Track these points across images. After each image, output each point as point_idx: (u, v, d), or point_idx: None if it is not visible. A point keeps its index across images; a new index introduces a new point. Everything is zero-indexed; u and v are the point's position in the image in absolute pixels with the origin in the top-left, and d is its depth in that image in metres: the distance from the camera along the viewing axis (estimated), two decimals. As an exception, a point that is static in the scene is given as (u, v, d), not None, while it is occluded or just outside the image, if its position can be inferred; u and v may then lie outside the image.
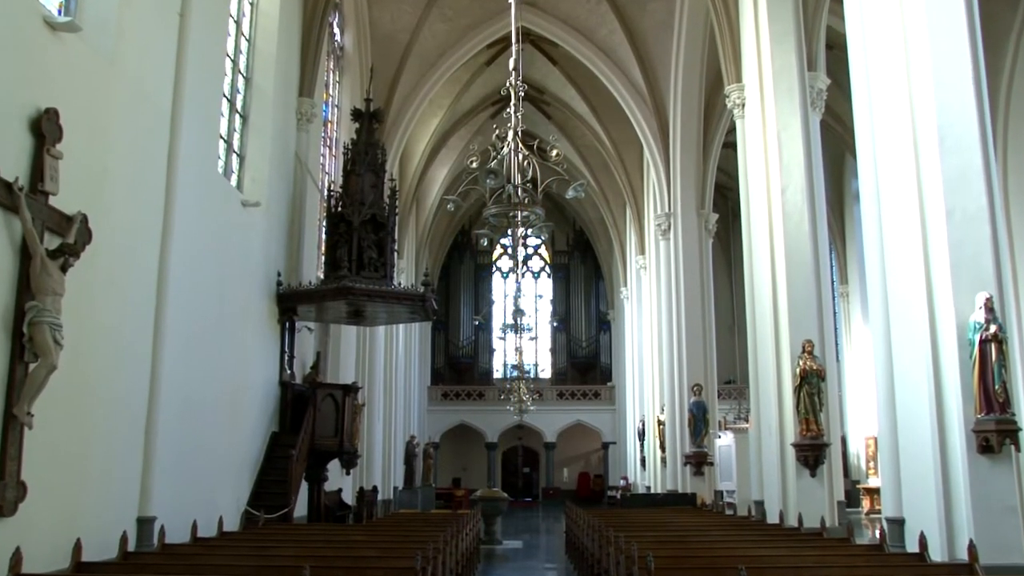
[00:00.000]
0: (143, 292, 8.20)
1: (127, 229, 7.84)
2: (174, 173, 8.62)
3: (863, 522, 19.47)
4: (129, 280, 7.89)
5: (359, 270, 12.36)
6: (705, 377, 18.52)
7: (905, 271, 7.91)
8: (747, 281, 13.04)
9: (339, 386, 12.98)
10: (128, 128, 7.84)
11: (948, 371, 7.37)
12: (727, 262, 31.03)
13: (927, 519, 7.35)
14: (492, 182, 7.97)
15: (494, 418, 32.61)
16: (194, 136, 9.15)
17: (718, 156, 19.73)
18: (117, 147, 7.62)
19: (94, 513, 7.12)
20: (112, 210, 7.48)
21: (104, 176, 7.38)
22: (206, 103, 9.76)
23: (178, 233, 8.66)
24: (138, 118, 8.07)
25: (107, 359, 7.43)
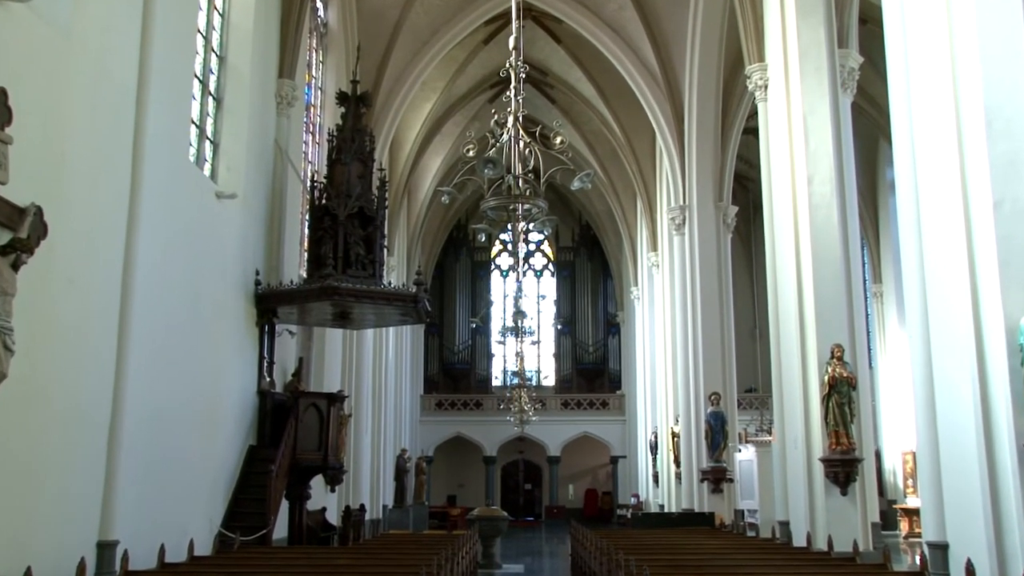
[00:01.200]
0: (106, 292, 8.15)
1: (88, 222, 7.78)
2: (140, 161, 8.56)
3: (901, 546, 19.40)
4: (90, 279, 7.84)
5: (345, 268, 12.37)
6: (724, 385, 18.47)
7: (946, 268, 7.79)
8: (770, 280, 13.00)
9: (323, 395, 12.97)
10: (88, 110, 7.77)
11: (995, 379, 7.25)
12: (748, 259, 31.00)
13: (974, 544, 7.23)
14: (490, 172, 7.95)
15: (493, 430, 32.61)
16: (162, 120, 9.09)
17: (738, 143, 19.67)
18: (76, 131, 7.56)
19: (48, 537, 7.03)
20: (70, 201, 7.42)
21: (61, 163, 7.31)
22: (175, 83, 9.71)
23: (145, 227, 8.61)
24: (99, 99, 7.99)
25: (65, 366, 7.37)
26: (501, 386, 34.34)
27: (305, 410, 12.38)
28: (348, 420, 16.42)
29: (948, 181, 7.80)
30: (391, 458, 24.72)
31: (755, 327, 29.57)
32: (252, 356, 12.46)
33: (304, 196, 14.90)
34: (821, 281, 11.70)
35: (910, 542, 20.31)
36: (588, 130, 26.90)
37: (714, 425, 17.83)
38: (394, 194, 23.02)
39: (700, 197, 19.45)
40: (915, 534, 20.59)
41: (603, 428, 33.43)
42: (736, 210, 20.05)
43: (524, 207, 8.41)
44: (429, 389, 34.59)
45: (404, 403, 28.83)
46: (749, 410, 26.37)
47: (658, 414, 25.02)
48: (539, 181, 8.32)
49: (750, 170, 25.98)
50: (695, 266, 19.25)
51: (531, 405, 25.07)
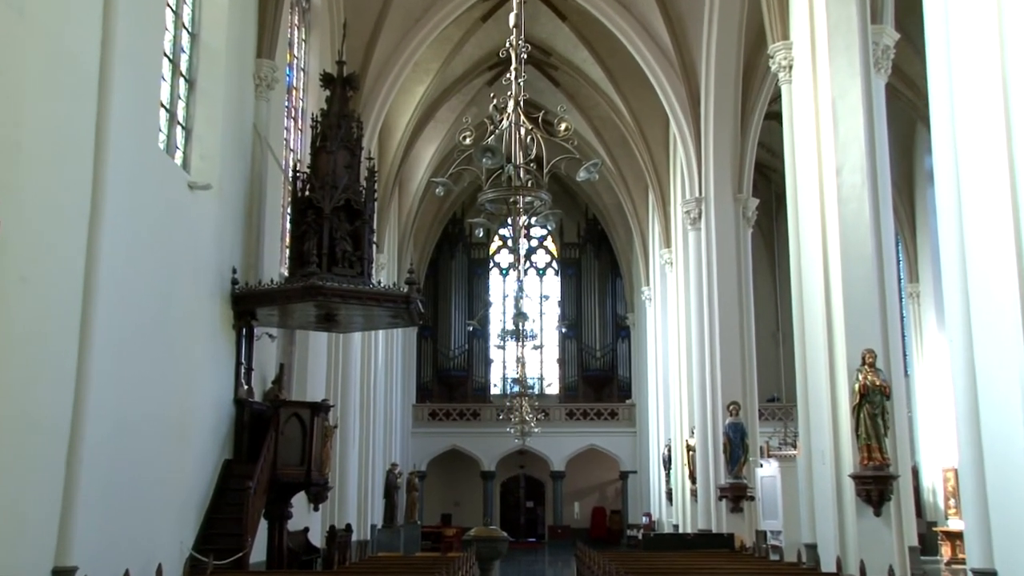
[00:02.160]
0: (66, 292, 8.10)
1: (46, 216, 7.73)
2: (104, 149, 8.52)
3: (942, 574, 19.25)
4: (48, 278, 7.80)
5: (331, 266, 12.37)
6: (744, 394, 18.43)
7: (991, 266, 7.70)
8: (794, 279, 12.95)
9: (306, 404, 12.96)
10: (46, 93, 7.72)
11: (1047, 388, 7.14)
12: (770, 257, 30.97)
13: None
14: (489, 161, 7.98)
15: (491, 442, 32.60)
16: (128, 104, 9.05)
17: (759, 130, 19.62)
18: (32, 117, 7.50)
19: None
20: (27, 193, 7.36)
21: (16, 152, 7.25)
22: (142, 64, 9.68)
23: (109, 221, 8.57)
24: (58, 81, 7.94)
25: (20, 373, 7.31)
26: (500, 395, 34.32)
27: (286, 421, 12.36)
28: (333, 432, 16.37)
29: (993, 170, 7.70)
30: (380, 473, 24.71)
31: (778, 330, 29.52)
32: (228, 362, 12.45)
33: (285, 187, 14.88)
34: (851, 280, 11.66)
35: (953, 569, 20.16)
36: (595, 116, 26.89)
37: (733, 438, 17.78)
38: (384, 185, 23.01)
39: (718, 189, 19.43)
40: (958, 560, 20.41)
41: (611, 441, 33.40)
42: (757, 203, 20.02)
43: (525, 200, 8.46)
44: (422, 398, 34.60)
45: (395, 413, 28.87)
46: (772, 421, 26.30)
47: (672, 425, 25.00)
48: (542, 171, 8.36)
49: (773, 159, 25.92)
50: (712, 264, 19.24)
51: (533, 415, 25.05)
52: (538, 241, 37.67)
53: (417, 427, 33.30)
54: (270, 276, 13.24)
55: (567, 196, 35.08)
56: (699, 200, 19.86)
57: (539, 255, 37.83)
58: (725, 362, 18.64)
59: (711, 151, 19.43)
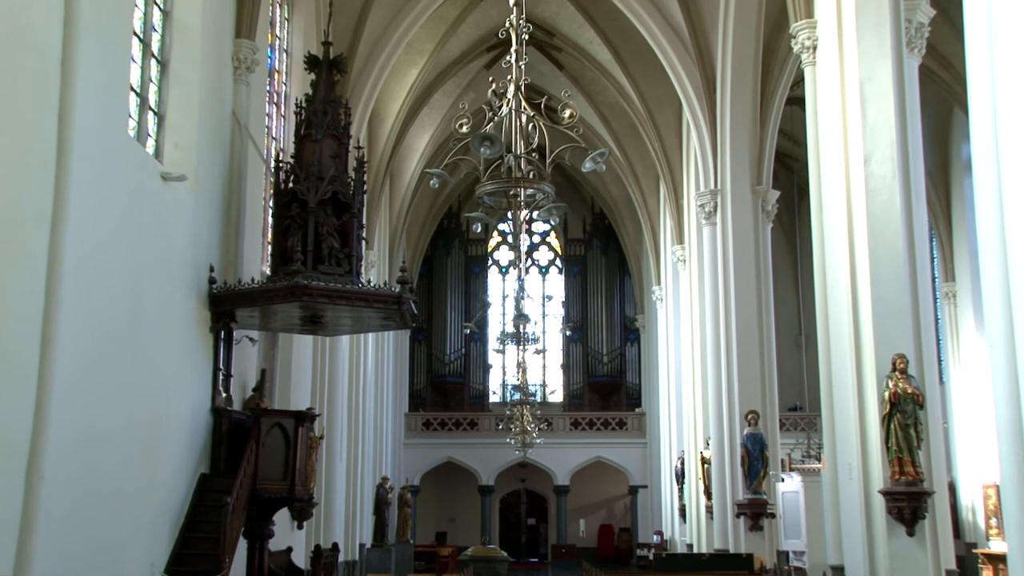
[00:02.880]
0: (27, 292, 8.02)
1: (3, 209, 7.65)
2: (68, 136, 8.43)
3: (984, 600, 19.27)
4: (7, 277, 7.72)
5: (316, 264, 12.37)
6: (763, 402, 18.42)
7: (1035, 264, 7.59)
8: (818, 278, 12.91)
9: (290, 413, 12.96)
10: (2, 75, 7.63)
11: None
12: (792, 254, 30.96)
13: (1071, 597, 7.05)
14: (487, 151, 7.99)
15: (490, 454, 32.69)
16: (95, 87, 8.99)
17: (780, 116, 19.61)
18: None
19: (-44, 586, 6.88)
20: (-17, 183, 7.27)
21: (-28, 138, 7.17)
22: (110, 43, 9.60)
23: (75, 215, 8.51)
24: (16, 61, 7.86)
25: (-24, 380, 7.22)
26: (500, 403, 34.45)
27: (268, 431, 12.35)
28: (319, 443, 16.41)
29: (1038, 159, 7.61)
30: (370, 488, 24.73)
31: (800, 334, 29.54)
32: (205, 368, 12.43)
33: (267, 179, 14.85)
34: (880, 279, 11.63)
35: (996, 595, 20.13)
36: (602, 101, 26.94)
37: (752, 450, 17.72)
38: (374, 177, 23.07)
39: (735, 180, 19.44)
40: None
41: (620, 453, 33.46)
42: (778, 195, 20.01)
43: (527, 192, 8.51)
44: (415, 406, 34.66)
45: (385, 423, 28.93)
46: (794, 432, 26.41)
47: (685, 436, 25.06)
48: (544, 162, 8.38)
49: (795, 148, 25.92)
50: (729, 262, 19.25)
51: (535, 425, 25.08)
52: (540, 237, 37.70)
53: (410, 438, 33.36)
54: (251, 275, 13.22)
55: (572, 188, 35.08)
56: (714, 192, 19.86)
57: (541, 252, 37.88)
58: (743, 368, 18.64)
59: (728, 139, 19.42)
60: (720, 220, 19.65)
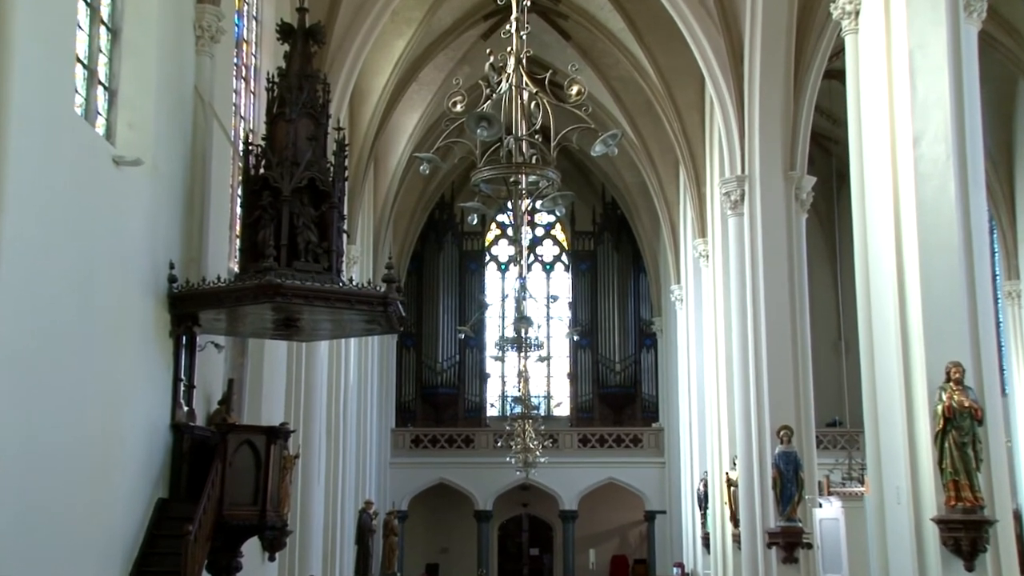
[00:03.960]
0: (-42, 292, 7.95)
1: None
2: (4, 115, 8.41)
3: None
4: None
5: (291, 260, 12.36)
6: (798, 417, 18.37)
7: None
8: (859, 275, 12.88)
9: (261, 430, 12.97)
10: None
11: None
12: (830, 248, 30.96)
13: None
14: (485, 133, 8.00)
15: (487, 476, 32.67)
16: (34, 58, 8.94)
17: (816, 92, 19.55)
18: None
19: None
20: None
21: None
22: (52, 8, 9.55)
23: (13, 205, 8.48)
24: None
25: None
26: (499, 417, 34.48)
27: (236, 450, 12.36)
28: (294, 463, 16.33)
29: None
30: (352, 514, 24.74)
31: (840, 339, 29.47)
32: (164, 378, 12.41)
33: (235, 164, 14.84)
34: (932, 276, 11.58)
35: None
36: (614, 76, 26.93)
37: (785, 471, 17.67)
38: (356, 162, 23.03)
39: (765, 165, 19.40)
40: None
41: (635, 473, 33.43)
42: (814, 182, 19.99)
43: (529, 179, 8.57)
44: (403, 421, 34.72)
45: (369, 440, 28.96)
46: (833, 450, 26.42)
47: (709, 455, 25.01)
48: (549, 145, 8.36)
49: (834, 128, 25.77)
50: (758, 257, 19.21)
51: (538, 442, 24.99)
52: (544, 230, 37.71)
53: (397, 457, 33.35)
54: (216, 272, 13.16)
55: (580, 175, 35.04)
56: (741, 179, 19.80)
57: (546, 247, 37.90)
58: (774, 377, 18.58)
59: (757, 118, 19.35)
60: (748, 210, 19.59)
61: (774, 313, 18.80)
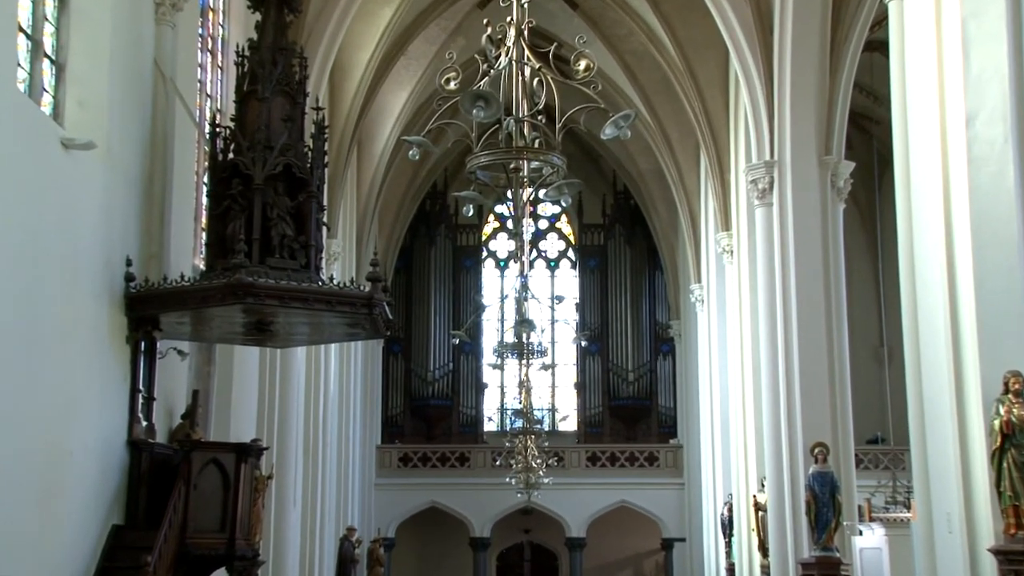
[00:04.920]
0: None
1: None
2: None
3: None
4: None
5: (264, 256, 12.37)
6: (834, 433, 18.39)
7: None
8: (904, 273, 12.91)
9: (230, 447, 13.02)
10: None
11: None
12: (871, 242, 30.97)
13: None
14: (482, 113, 7.96)
15: (485, 498, 32.76)
16: None
17: (855, 66, 19.56)
18: None
19: None
20: None
21: None
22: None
23: None
24: None
25: None
26: (497, 432, 34.55)
27: (201, 470, 12.37)
28: (267, 484, 16.30)
29: None
30: (332, 541, 24.70)
31: (882, 345, 29.52)
32: (120, 389, 12.34)
33: (201, 148, 14.82)
34: (987, 274, 11.56)
35: None
36: (627, 50, 27.00)
37: (820, 494, 17.54)
38: (337, 146, 23.16)
39: (797, 148, 19.45)
40: None
41: (650, 496, 33.49)
42: (852, 167, 20.02)
43: (531, 165, 8.55)
44: (390, 437, 34.80)
45: (352, 458, 29.04)
46: (874, 471, 26.41)
47: (734, 476, 25.11)
48: (554, 127, 8.38)
49: (875, 107, 25.84)
50: (789, 253, 19.27)
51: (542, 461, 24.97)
52: (548, 222, 37.73)
53: (383, 477, 33.43)
54: (179, 270, 13.12)
55: (588, 160, 35.07)
56: (771, 164, 19.85)
57: (550, 241, 37.96)
58: (808, 388, 18.61)
59: (788, 96, 19.39)
60: (778, 200, 19.63)
61: (807, 316, 18.82)
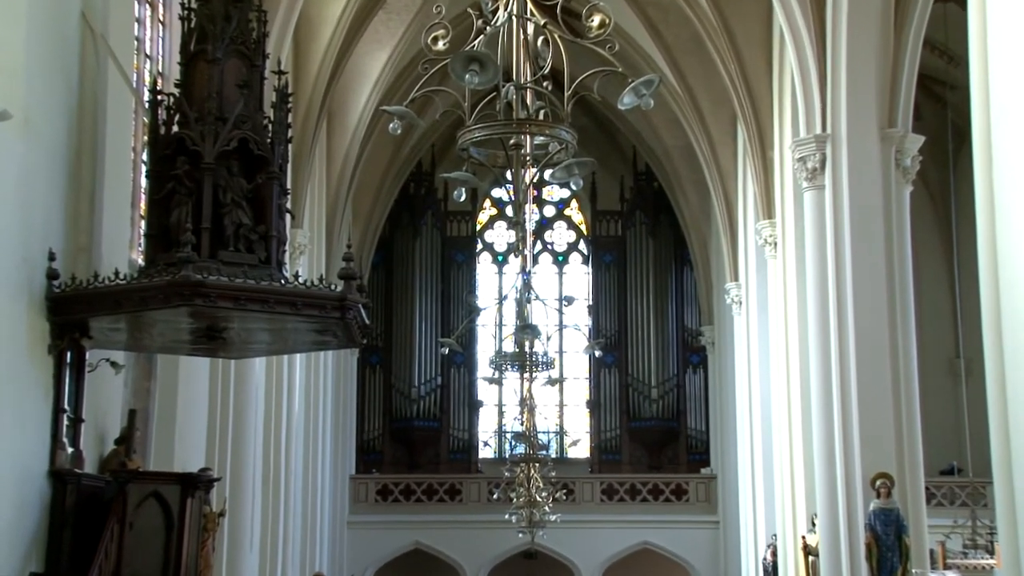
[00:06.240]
0: None
1: None
2: None
3: None
4: None
5: (216, 249, 12.37)
6: (900, 462, 18.46)
7: None
8: (985, 270, 12.89)
9: (174, 478, 13.07)
10: None
11: None
12: (944, 232, 30.93)
13: None
14: (476, 79, 7.95)
15: (479, 539, 32.91)
16: None
17: (926, 20, 19.62)
18: None
19: None
20: None
21: None
22: None
23: None
24: None
25: None
26: (494, 460, 34.47)
27: (139, 505, 12.36)
28: (218, 523, 16.25)
29: None
30: (298, 591, 24.63)
31: (958, 356, 29.49)
32: (40, 409, 12.30)
33: (139, 119, 14.87)
34: (1087, 271, 11.60)
35: None
36: (650, 2, 26.98)
37: (883, 535, 17.74)
38: (304, 117, 23.25)
39: (854, 120, 19.51)
40: None
41: (678, 537, 33.63)
42: (921, 142, 20.10)
43: (535, 141, 8.51)
44: (366, 466, 34.91)
45: (321, 491, 29.07)
46: (949, 508, 26.45)
47: (779, 512, 25.11)
48: (562, 95, 8.36)
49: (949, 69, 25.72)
50: (844, 245, 19.35)
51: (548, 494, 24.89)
52: (556, 209, 37.66)
53: (358, 514, 33.56)
54: (113, 265, 12.97)
55: (604, 135, 35.09)
56: (822, 139, 19.95)
57: (557, 232, 37.89)
58: (868, 408, 18.64)
59: (843, 58, 19.44)
60: (831, 182, 19.70)
61: (867, 321, 18.86)
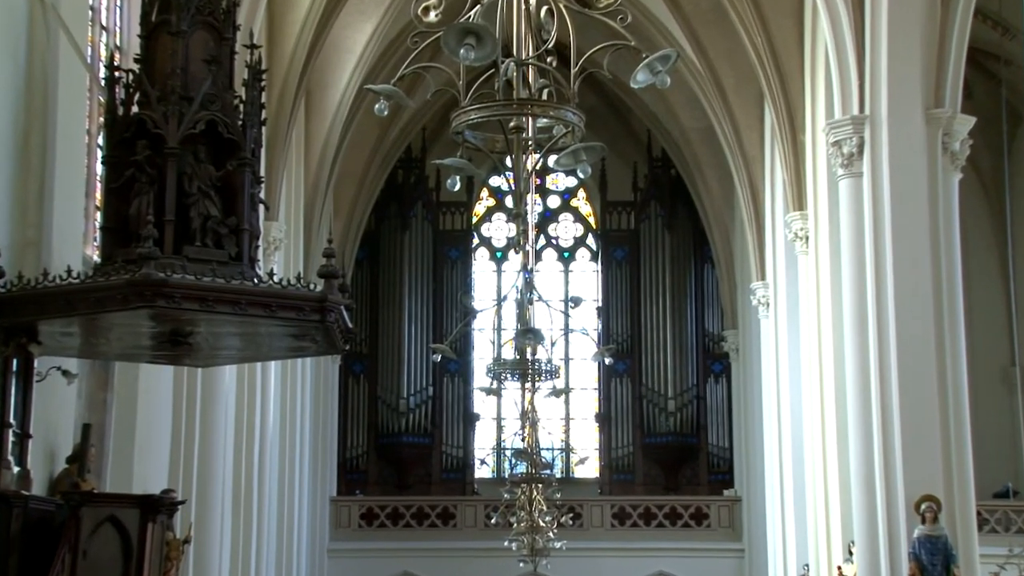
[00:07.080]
0: None
1: None
2: None
3: None
4: None
5: (181, 244, 12.34)
6: (948, 484, 18.50)
7: None
8: None
9: (132, 500, 13.16)
10: None
11: None
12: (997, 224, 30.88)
13: None
14: (472, 54, 7.89)
15: (476, 568, 32.86)
16: None
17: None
18: None
19: None
20: None
21: None
22: None
23: None
24: None
25: None
26: (492, 480, 34.54)
27: (94, 532, 12.42)
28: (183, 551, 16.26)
29: None
30: (273, 627, 24.65)
31: (1013, 364, 29.38)
32: (-18, 423, 12.42)
33: (95, 98, 14.92)
34: None
35: None
36: (666, -30, 26.95)
37: (929, 564, 17.83)
38: (279, 97, 23.40)
39: (896, 100, 19.58)
40: None
41: (698, 567, 33.65)
42: (972, 124, 20.13)
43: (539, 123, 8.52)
44: (349, 487, 34.99)
45: (298, 515, 29.12)
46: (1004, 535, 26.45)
47: (811, 539, 25.22)
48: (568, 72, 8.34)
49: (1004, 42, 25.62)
50: (884, 239, 19.39)
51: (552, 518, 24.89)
52: (561, 199, 37.66)
53: (340, 540, 33.60)
54: (66, 262, 13.01)
55: (615, 117, 35.14)
56: (860, 121, 19.98)
57: (563, 224, 37.88)
58: (911, 423, 18.67)
59: (884, 30, 19.48)
60: (870, 169, 19.74)
61: (910, 325, 18.90)
